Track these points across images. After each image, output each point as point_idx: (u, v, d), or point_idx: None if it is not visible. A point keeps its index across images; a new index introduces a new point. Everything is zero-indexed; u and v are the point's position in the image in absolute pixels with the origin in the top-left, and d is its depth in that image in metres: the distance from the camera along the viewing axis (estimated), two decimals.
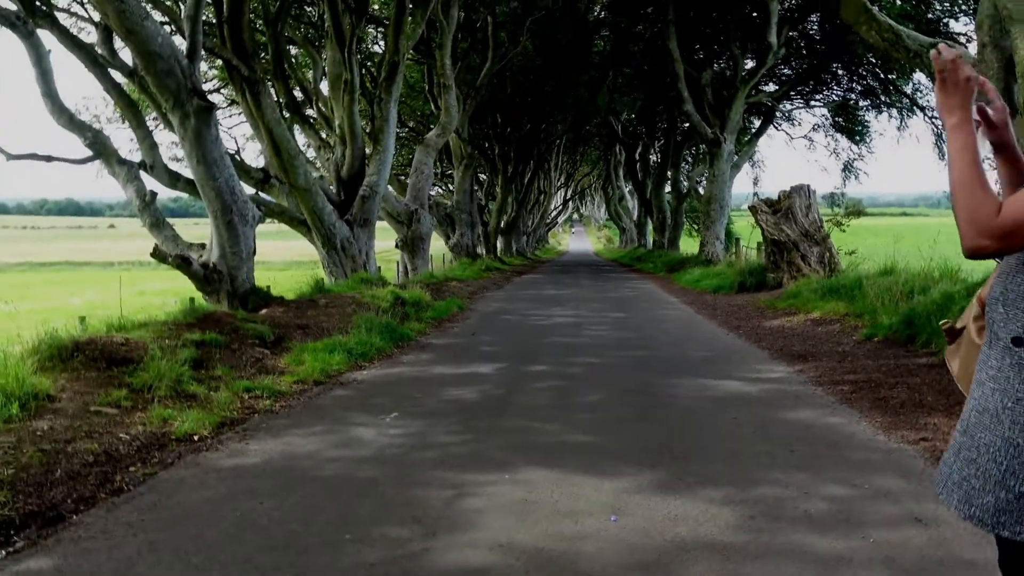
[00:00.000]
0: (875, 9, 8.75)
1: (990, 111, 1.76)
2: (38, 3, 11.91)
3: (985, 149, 1.70)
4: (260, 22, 16.78)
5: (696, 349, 8.72)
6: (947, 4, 21.17)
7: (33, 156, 11.99)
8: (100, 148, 11.79)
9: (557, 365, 7.74)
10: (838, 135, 28.99)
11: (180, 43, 10.24)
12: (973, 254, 1.58)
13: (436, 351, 8.69)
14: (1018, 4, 7.33)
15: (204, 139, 9.32)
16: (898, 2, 21.41)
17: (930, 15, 21.08)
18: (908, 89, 24.19)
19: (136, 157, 13.12)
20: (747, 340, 9.27)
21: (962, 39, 20.92)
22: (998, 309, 1.68)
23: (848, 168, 28.84)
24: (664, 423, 5.37)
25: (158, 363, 5.98)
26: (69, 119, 11.67)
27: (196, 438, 4.95)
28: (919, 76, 19.07)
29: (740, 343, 9.11)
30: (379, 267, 15.40)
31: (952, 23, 23.21)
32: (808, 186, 13.67)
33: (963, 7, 20.59)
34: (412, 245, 18.66)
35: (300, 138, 19.08)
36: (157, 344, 6.51)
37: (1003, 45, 7.72)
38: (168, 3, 15.21)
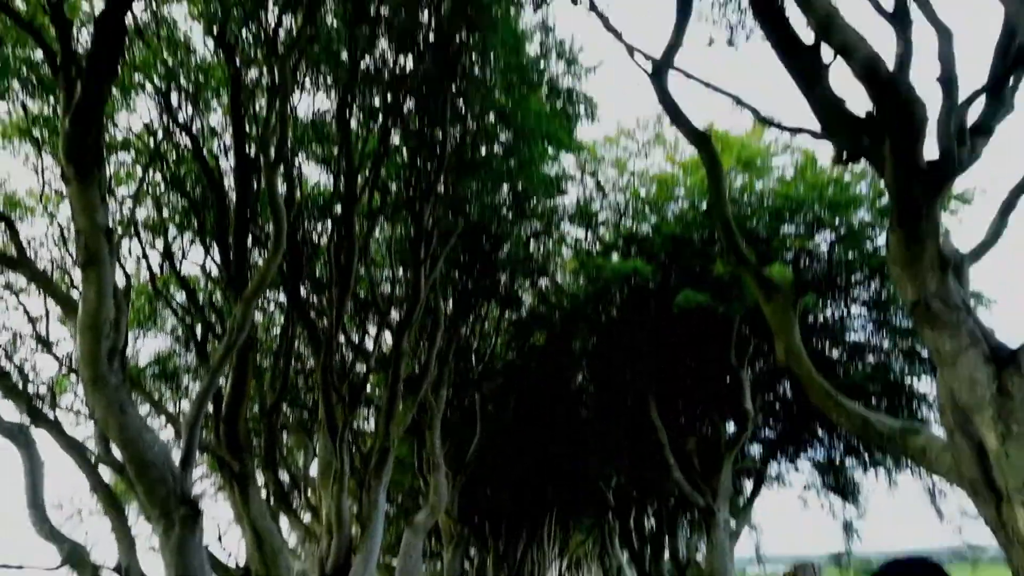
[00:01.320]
0: (841, 396, 9.03)
1: None
2: (38, 404, 12.46)
3: None
4: (255, 407, 17.36)
5: None
6: (905, 365, 22.51)
7: (4, 566, 11.58)
8: (76, 559, 11.51)
9: None
10: (831, 494, 28.75)
11: (171, 432, 10.56)
12: None
13: None
14: (972, 395, 7.60)
15: (187, 548, 9.05)
16: (860, 367, 22.89)
17: (891, 376, 22.33)
18: None
19: (112, 550, 12.69)
20: None
21: (930, 397, 21.83)
22: None
23: (848, 528, 28.09)
24: None
25: None
26: (50, 531, 11.57)
27: None
28: None
29: None
30: None
31: (915, 381, 24.01)
32: (812, 564, 13.29)
33: (922, 368, 21.79)
34: None
35: (283, 522, 18.66)
36: None
37: (970, 431, 7.81)
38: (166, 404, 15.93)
